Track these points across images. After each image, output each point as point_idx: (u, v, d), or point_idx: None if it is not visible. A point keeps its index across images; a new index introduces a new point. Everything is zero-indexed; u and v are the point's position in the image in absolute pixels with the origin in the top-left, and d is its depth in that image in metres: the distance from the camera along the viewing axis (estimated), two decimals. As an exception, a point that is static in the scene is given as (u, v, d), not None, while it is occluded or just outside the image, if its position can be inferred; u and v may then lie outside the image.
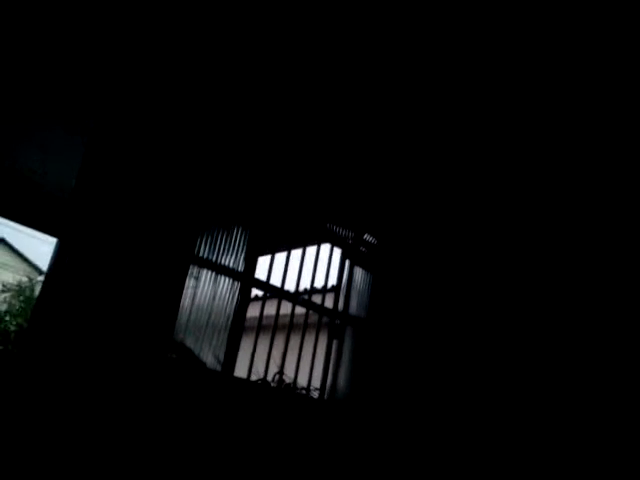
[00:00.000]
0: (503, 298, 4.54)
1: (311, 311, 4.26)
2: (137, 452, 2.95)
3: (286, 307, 4.05)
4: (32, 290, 12.46)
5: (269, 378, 3.87)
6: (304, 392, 4.04)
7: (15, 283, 12.62)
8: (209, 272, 3.63)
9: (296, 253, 4.28)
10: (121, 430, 2.92)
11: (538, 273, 4.41)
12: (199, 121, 3.65)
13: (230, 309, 3.67)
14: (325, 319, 4.39)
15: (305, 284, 4.84)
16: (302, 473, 3.63)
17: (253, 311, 4.15)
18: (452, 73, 3.40)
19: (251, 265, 3.85)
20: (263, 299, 4.11)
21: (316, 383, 4.12)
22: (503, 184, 4.43)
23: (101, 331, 2.98)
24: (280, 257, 4.23)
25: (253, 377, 3.78)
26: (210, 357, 3.51)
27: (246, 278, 3.80)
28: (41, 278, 13.33)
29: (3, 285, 12.18)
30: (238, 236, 3.84)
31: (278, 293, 4.04)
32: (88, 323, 2.94)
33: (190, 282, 3.50)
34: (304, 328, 4.14)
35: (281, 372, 3.90)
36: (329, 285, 4.57)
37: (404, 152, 4.28)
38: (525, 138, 3.87)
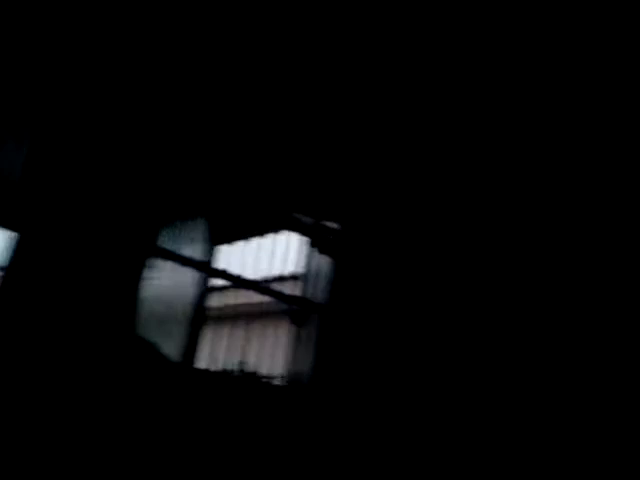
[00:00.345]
0: (475, 283, 4.63)
1: (274, 299, 4.27)
2: (95, 451, 2.93)
3: (248, 296, 4.05)
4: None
5: (231, 367, 3.88)
6: (267, 380, 4.08)
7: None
8: (169, 263, 3.59)
9: (258, 242, 4.28)
10: (80, 429, 2.89)
11: (520, 266, 4.51)
12: (154, 103, 3.56)
13: (191, 300, 3.66)
14: (289, 307, 4.41)
15: (268, 272, 4.84)
16: (267, 459, 3.67)
17: (215, 301, 4.14)
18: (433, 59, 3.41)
19: (211, 254, 3.83)
20: (224, 288, 4.10)
21: (280, 371, 4.16)
22: (477, 167, 4.49)
23: (57, 328, 2.93)
24: (242, 246, 4.22)
25: (215, 367, 3.79)
26: (171, 349, 3.49)
27: (206, 268, 3.78)
28: None
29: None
30: (198, 225, 3.81)
31: (239, 282, 4.03)
32: (43, 320, 2.88)
33: (150, 273, 3.46)
34: (267, 316, 4.16)
35: (243, 361, 3.92)
36: (292, 273, 4.59)
37: (369, 135, 4.28)
38: (512, 118, 3.91)
